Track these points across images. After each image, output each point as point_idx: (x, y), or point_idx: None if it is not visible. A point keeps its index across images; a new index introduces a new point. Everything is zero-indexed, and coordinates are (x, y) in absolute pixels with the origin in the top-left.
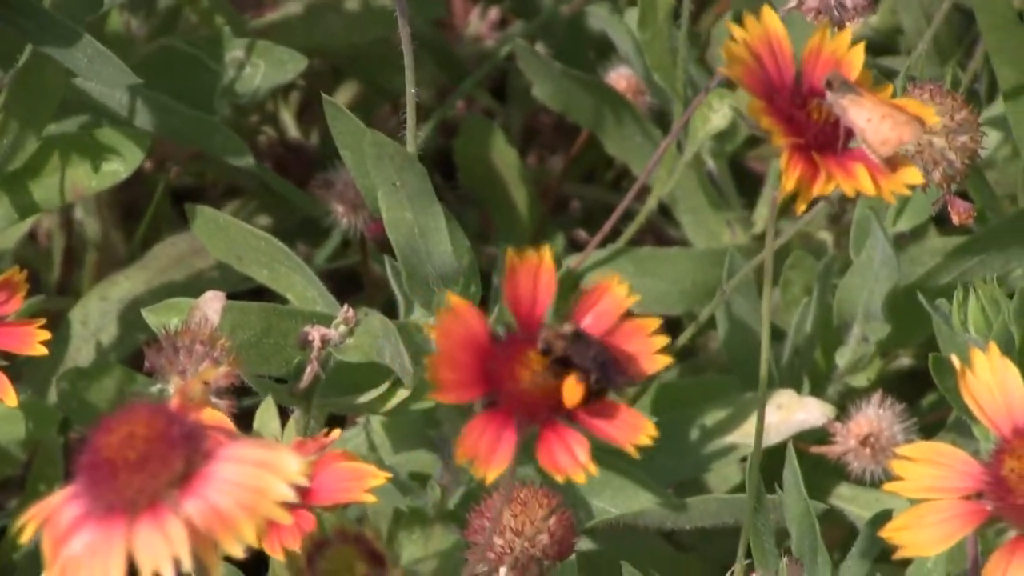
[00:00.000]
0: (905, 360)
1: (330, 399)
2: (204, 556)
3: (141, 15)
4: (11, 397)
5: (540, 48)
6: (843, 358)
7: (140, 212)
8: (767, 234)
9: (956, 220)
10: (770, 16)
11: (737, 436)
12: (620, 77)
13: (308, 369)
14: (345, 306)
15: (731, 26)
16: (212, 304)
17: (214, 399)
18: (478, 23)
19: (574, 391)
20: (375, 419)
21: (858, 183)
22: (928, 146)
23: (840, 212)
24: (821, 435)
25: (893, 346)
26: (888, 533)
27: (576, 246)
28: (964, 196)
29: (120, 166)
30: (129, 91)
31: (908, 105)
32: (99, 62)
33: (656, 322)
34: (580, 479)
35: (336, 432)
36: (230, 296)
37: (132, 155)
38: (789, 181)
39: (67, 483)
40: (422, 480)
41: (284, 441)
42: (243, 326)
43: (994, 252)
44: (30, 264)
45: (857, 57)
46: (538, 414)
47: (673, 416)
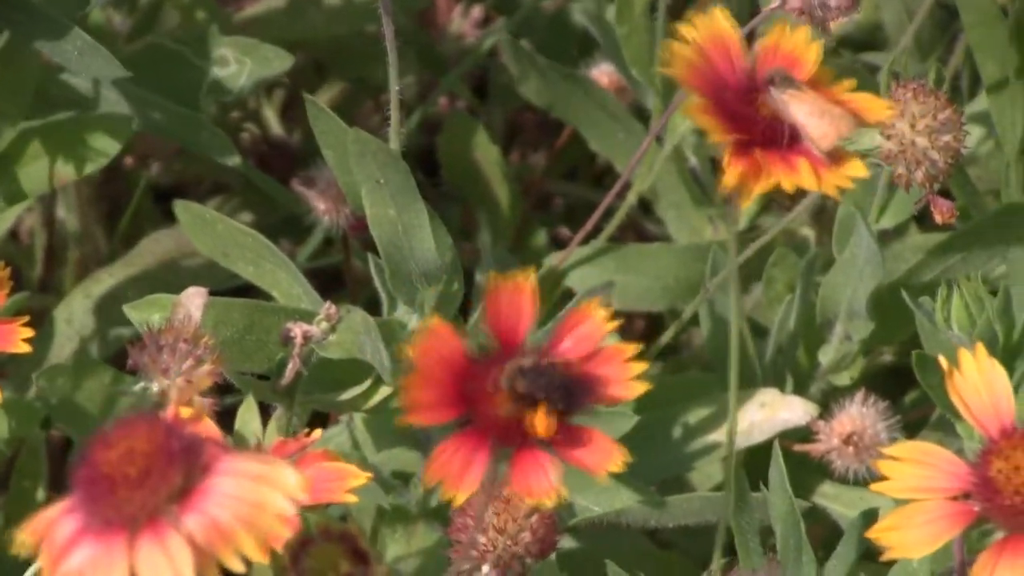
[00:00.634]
0: (888, 358)
1: (312, 396)
2: (204, 572)
3: (123, 10)
4: None
5: (523, 44)
6: (826, 356)
7: (122, 209)
8: (730, 230)
9: (939, 219)
10: (720, 15)
11: (720, 434)
12: (603, 74)
13: (290, 366)
14: (327, 303)
15: (680, 26)
16: (194, 300)
17: (197, 397)
18: (461, 21)
19: (542, 423)
20: (358, 417)
21: (799, 178)
22: (911, 146)
23: (822, 208)
24: (804, 433)
25: (876, 344)
26: (876, 534)
27: (559, 243)
28: (946, 193)
29: (101, 156)
30: (115, 87)
31: (859, 99)
32: (88, 55)
33: (635, 348)
34: (550, 503)
35: (317, 432)
36: (215, 293)
37: (111, 146)
38: (730, 177)
39: (52, 483)
40: (405, 478)
41: (266, 439)
42: (225, 322)
43: (977, 249)
44: (12, 261)
45: (815, 52)
46: (512, 437)
47: (656, 414)
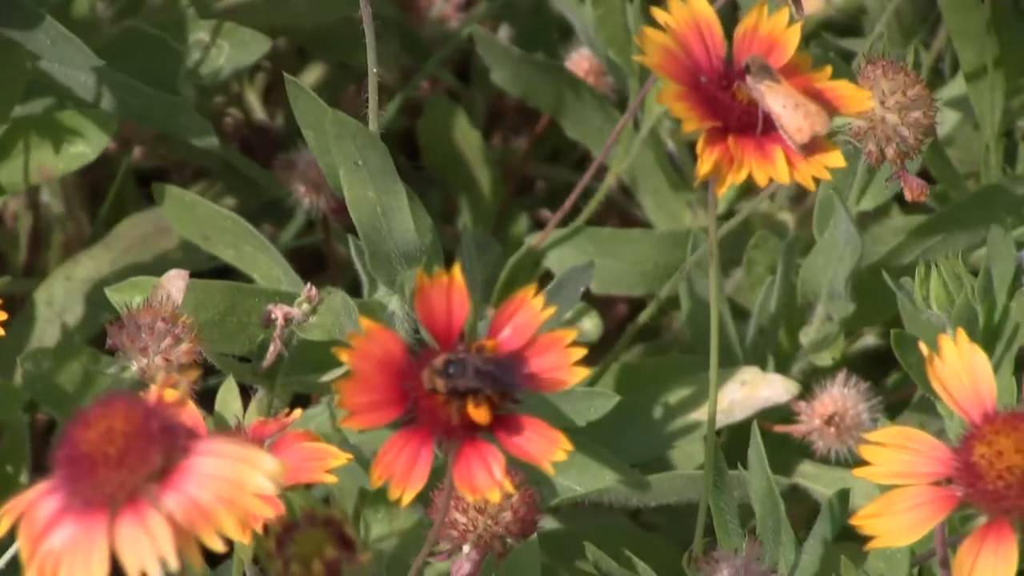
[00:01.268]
0: (869, 339)
1: (294, 377)
2: (185, 551)
3: None
4: None
5: (504, 30)
6: (807, 337)
7: (105, 193)
8: (710, 215)
9: (909, 196)
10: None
11: (701, 414)
12: (582, 59)
13: (271, 347)
14: (308, 284)
15: (655, 12)
16: (175, 282)
17: (178, 377)
18: (443, 4)
19: (479, 413)
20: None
21: (773, 169)
22: (881, 122)
23: (802, 192)
24: (785, 413)
25: (857, 325)
26: (859, 522)
27: (540, 226)
28: (925, 175)
29: (87, 148)
30: (93, 73)
31: (841, 87)
32: (62, 44)
33: (572, 333)
34: (495, 498)
35: (297, 412)
36: (196, 276)
37: (98, 138)
38: (704, 166)
39: (35, 466)
40: None
41: (246, 421)
42: (206, 304)
43: (957, 230)
44: None
45: (793, 37)
46: (455, 431)
47: (637, 395)
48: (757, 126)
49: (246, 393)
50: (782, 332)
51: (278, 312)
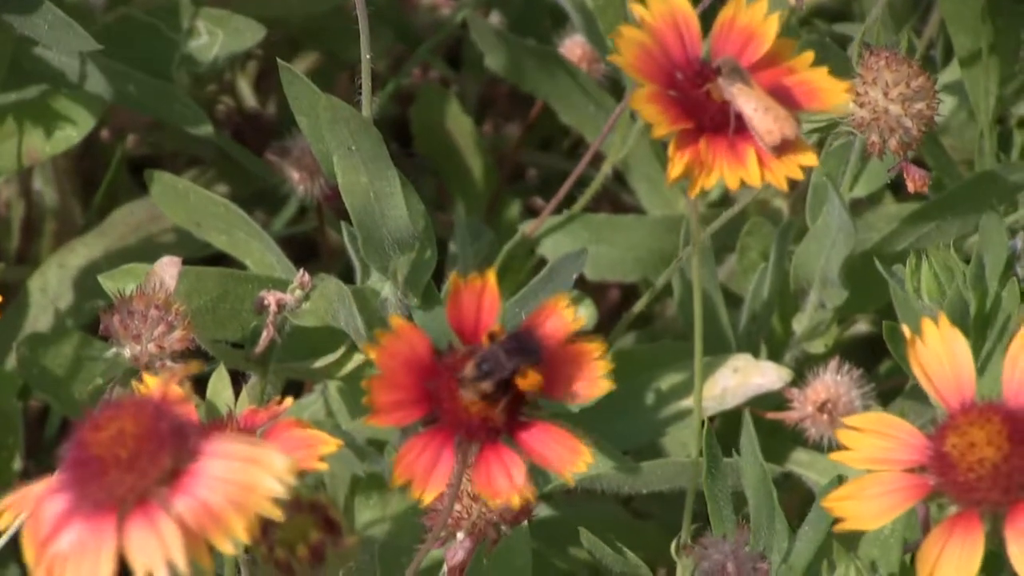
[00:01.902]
0: (862, 326)
1: (286, 364)
2: (195, 554)
3: None
4: None
5: (496, 17)
6: (800, 324)
7: (98, 181)
8: (692, 217)
9: (912, 187)
10: None
11: (693, 401)
12: (575, 45)
13: (264, 334)
14: (301, 271)
15: (633, 5)
16: (168, 269)
17: (172, 364)
18: None
19: (525, 382)
20: (332, 385)
21: (745, 171)
22: (884, 113)
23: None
24: (778, 401)
25: (850, 312)
26: (831, 503)
27: (533, 213)
28: (920, 162)
29: (73, 131)
30: (87, 59)
31: (818, 78)
32: (59, 29)
33: (602, 346)
34: (514, 503)
35: (289, 400)
36: (188, 263)
37: (85, 121)
38: (675, 169)
39: (28, 452)
40: (379, 446)
41: (238, 408)
42: (199, 291)
43: (950, 218)
44: None
45: (771, 27)
46: (478, 434)
47: (630, 382)
48: (730, 126)
49: (238, 380)
50: (775, 319)
51: (271, 298)
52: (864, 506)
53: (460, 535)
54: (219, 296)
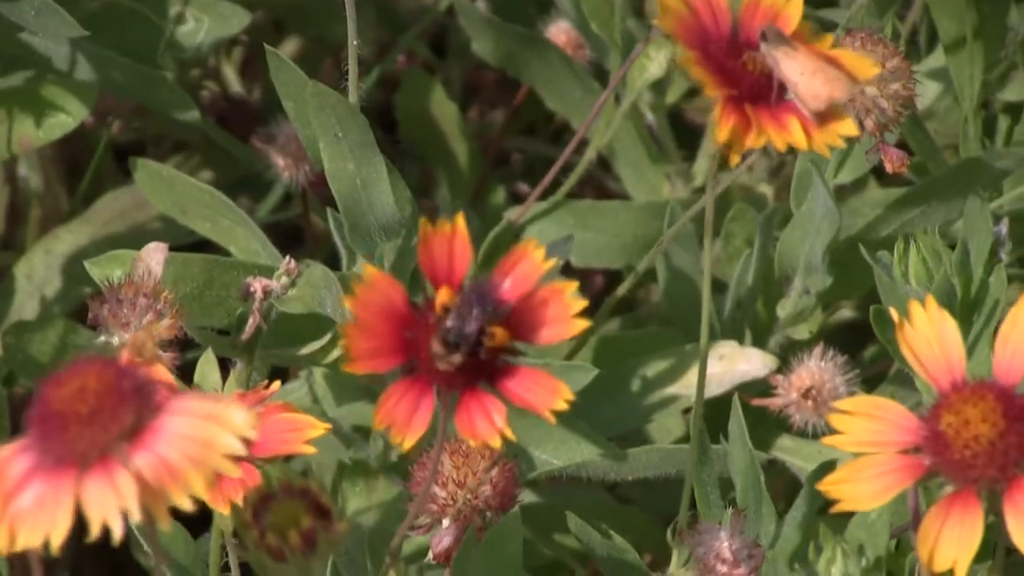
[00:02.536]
0: (847, 312)
1: (272, 350)
2: (154, 509)
3: None
4: None
5: (481, 2)
6: (785, 310)
7: (83, 167)
8: (708, 185)
9: (889, 168)
10: None
11: (678, 387)
12: (560, 31)
13: (250, 320)
14: (287, 257)
15: None
16: (155, 256)
17: (158, 352)
18: None
19: (494, 338)
20: (317, 371)
21: (791, 136)
22: (860, 94)
23: (780, 165)
24: (763, 387)
25: (834, 298)
26: (826, 487)
27: (518, 199)
28: (904, 147)
29: (67, 118)
30: (73, 45)
31: (844, 56)
32: (45, 15)
33: (574, 284)
34: (496, 444)
35: (276, 384)
36: (173, 249)
37: (78, 108)
38: (722, 132)
39: (14, 437)
40: (365, 432)
41: (225, 394)
42: (185, 278)
43: (935, 203)
44: None
45: (796, 9)
46: (455, 380)
47: (615, 368)
48: (768, 96)
49: (225, 366)
50: (759, 305)
51: (257, 285)
52: (860, 488)
53: (445, 522)
54: (205, 283)
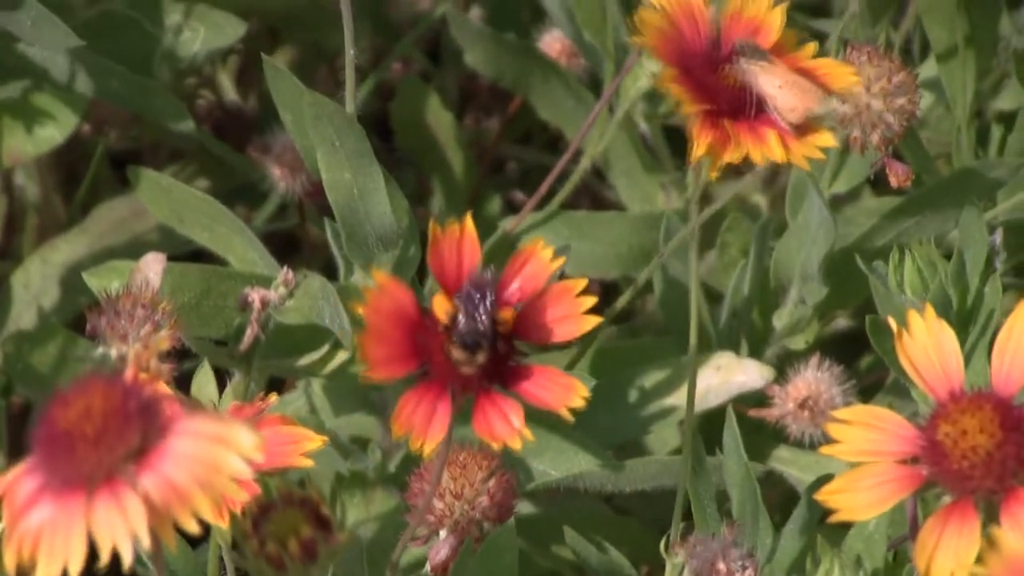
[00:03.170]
0: (842, 322)
1: (270, 361)
2: (160, 531)
3: None
4: None
5: (475, 11)
6: (781, 320)
7: (80, 176)
8: (692, 199)
9: (894, 183)
10: None
11: (675, 398)
12: (554, 40)
13: (248, 331)
14: (285, 268)
15: None
16: (153, 266)
17: (156, 362)
18: None
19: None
20: (315, 382)
21: (768, 149)
22: (866, 109)
23: (774, 174)
24: (759, 398)
25: (830, 308)
26: (824, 496)
27: (513, 207)
28: (898, 156)
29: (56, 131)
30: (70, 55)
31: (824, 65)
32: (41, 25)
33: (583, 282)
34: (516, 445)
35: (273, 396)
36: (171, 258)
37: (67, 119)
38: (699, 148)
39: (11, 448)
40: (363, 443)
41: (222, 405)
42: (183, 288)
43: (930, 213)
44: None
45: (777, 19)
46: (471, 383)
47: (611, 379)
48: (747, 110)
49: (222, 377)
50: (755, 315)
51: (255, 295)
52: (858, 497)
53: (443, 533)
54: (203, 293)
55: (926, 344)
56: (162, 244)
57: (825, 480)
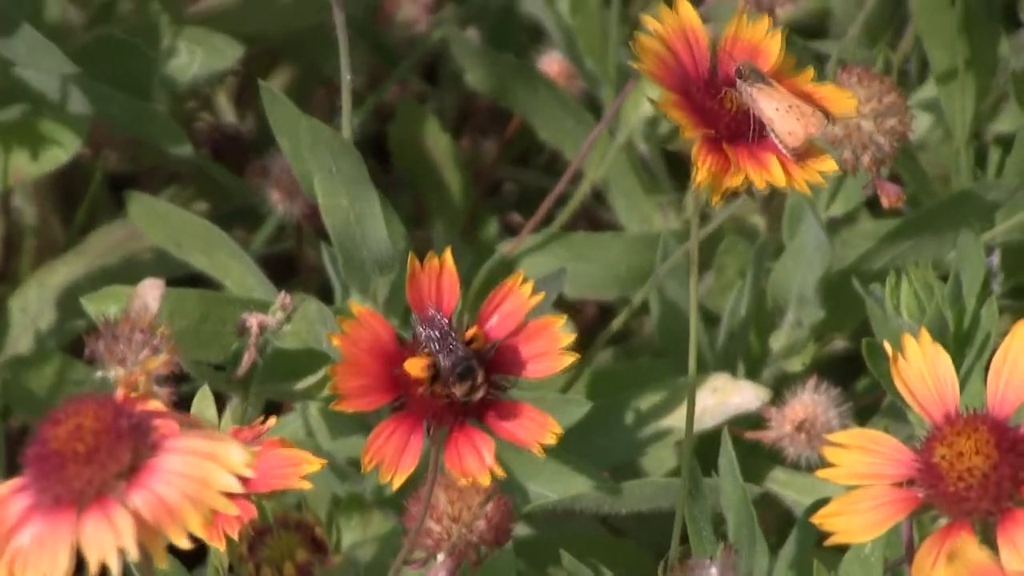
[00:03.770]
0: (839, 344)
1: (268, 385)
2: (151, 547)
3: (78, 3)
4: None
5: (472, 33)
6: (778, 342)
7: (78, 198)
8: (692, 223)
9: (886, 203)
10: (685, 7)
11: (672, 420)
12: (552, 61)
13: (246, 355)
14: (282, 292)
15: (646, 18)
16: (151, 291)
17: (154, 387)
18: (411, 7)
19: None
20: (312, 405)
21: (770, 174)
22: (857, 130)
23: (771, 197)
24: (756, 420)
25: (827, 330)
26: (820, 519)
27: (510, 229)
28: (895, 179)
29: (60, 151)
30: (67, 79)
31: (824, 91)
32: (38, 51)
33: (561, 319)
34: (485, 482)
35: (272, 420)
36: (168, 280)
37: (71, 141)
38: (701, 174)
39: (9, 471)
40: (359, 466)
41: (221, 428)
42: (181, 313)
43: (927, 236)
44: None
45: (775, 44)
46: (445, 417)
47: (608, 400)
48: (748, 134)
49: (220, 401)
50: (752, 337)
51: (253, 320)
52: (854, 520)
53: (440, 556)
54: (201, 318)
55: (921, 368)
56: (158, 265)
57: (821, 503)
